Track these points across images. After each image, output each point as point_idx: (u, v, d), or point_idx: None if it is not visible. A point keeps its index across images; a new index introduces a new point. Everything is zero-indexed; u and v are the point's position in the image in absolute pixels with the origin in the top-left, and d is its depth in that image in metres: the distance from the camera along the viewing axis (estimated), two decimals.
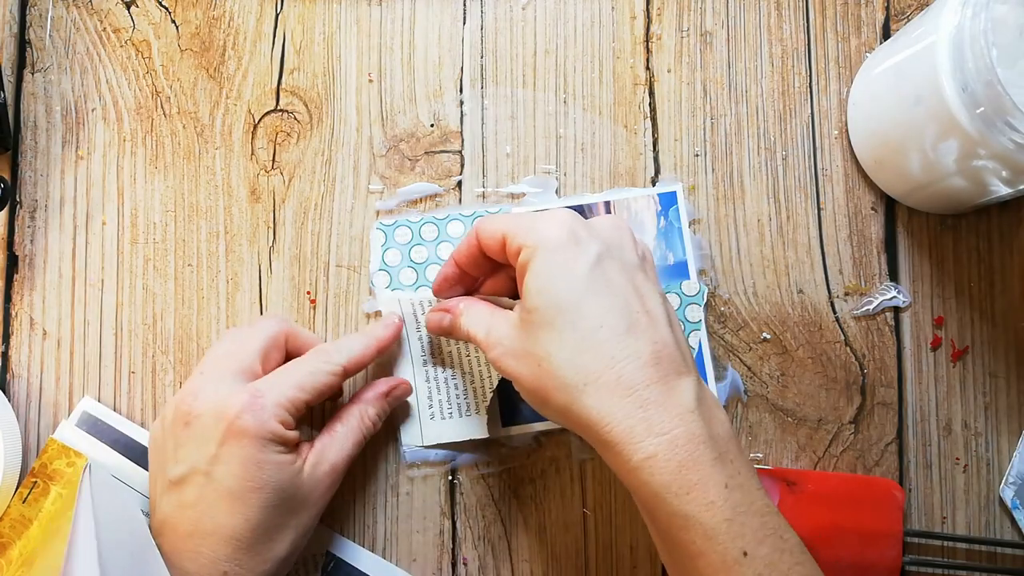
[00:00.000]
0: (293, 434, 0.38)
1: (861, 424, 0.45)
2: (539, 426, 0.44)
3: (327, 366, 0.40)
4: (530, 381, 0.35)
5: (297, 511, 0.38)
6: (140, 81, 0.46)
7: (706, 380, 0.45)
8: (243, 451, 0.36)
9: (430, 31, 0.47)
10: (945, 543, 0.45)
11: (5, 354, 0.45)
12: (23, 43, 0.46)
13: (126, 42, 0.46)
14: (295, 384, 0.38)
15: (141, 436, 0.44)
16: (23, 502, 0.42)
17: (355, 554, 0.43)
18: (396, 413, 0.44)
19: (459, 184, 0.46)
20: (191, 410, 0.37)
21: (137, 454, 0.43)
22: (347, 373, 0.40)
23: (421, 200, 0.46)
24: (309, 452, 0.39)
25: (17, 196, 0.45)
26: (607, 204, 0.46)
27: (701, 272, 0.46)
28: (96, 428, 0.44)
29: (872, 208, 0.46)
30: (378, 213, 0.46)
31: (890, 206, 0.46)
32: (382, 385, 0.43)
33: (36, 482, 0.42)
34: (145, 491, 0.43)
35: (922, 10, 0.44)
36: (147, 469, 0.41)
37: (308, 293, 0.45)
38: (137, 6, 0.47)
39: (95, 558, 0.35)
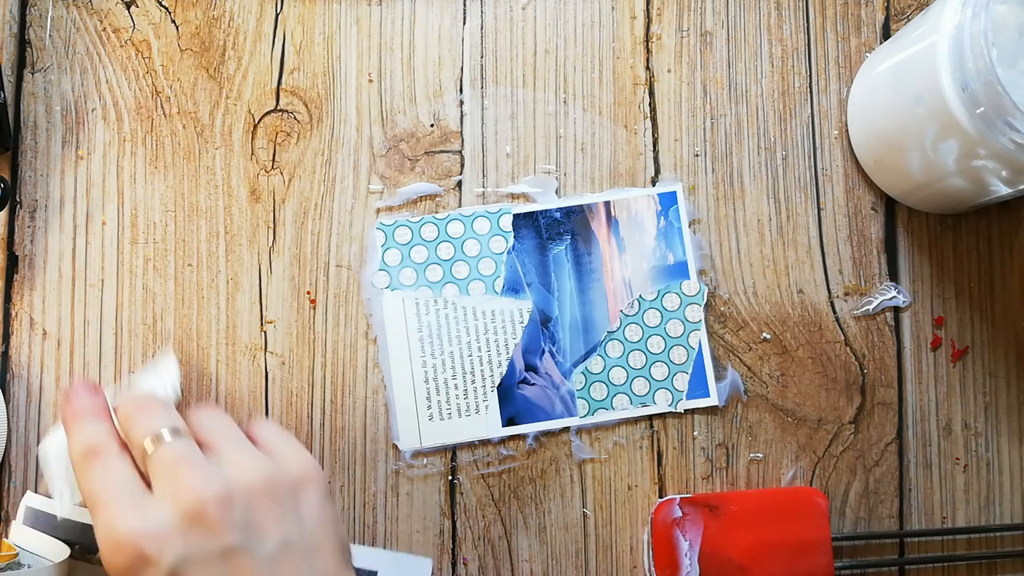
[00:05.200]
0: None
1: (861, 424, 0.45)
2: (539, 426, 0.44)
3: None
4: None
5: None
6: (140, 81, 0.46)
7: (706, 380, 0.45)
8: None
9: (430, 31, 0.47)
10: (871, 542, 0.45)
11: (5, 354, 0.45)
12: (23, 43, 0.46)
13: (126, 42, 0.46)
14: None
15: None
16: None
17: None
18: (395, 415, 0.44)
19: (459, 184, 0.46)
20: None
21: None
22: None
23: (421, 200, 0.46)
24: None
25: (17, 196, 0.45)
26: (607, 204, 0.46)
27: (701, 272, 0.46)
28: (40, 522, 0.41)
29: (872, 208, 0.46)
30: (378, 213, 0.46)
31: (890, 206, 0.46)
32: None
33: None
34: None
35: (922, 10, 0.44)
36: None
37: (308, 293, 0.45)
38: (137, 6, 0.47)
39: None
